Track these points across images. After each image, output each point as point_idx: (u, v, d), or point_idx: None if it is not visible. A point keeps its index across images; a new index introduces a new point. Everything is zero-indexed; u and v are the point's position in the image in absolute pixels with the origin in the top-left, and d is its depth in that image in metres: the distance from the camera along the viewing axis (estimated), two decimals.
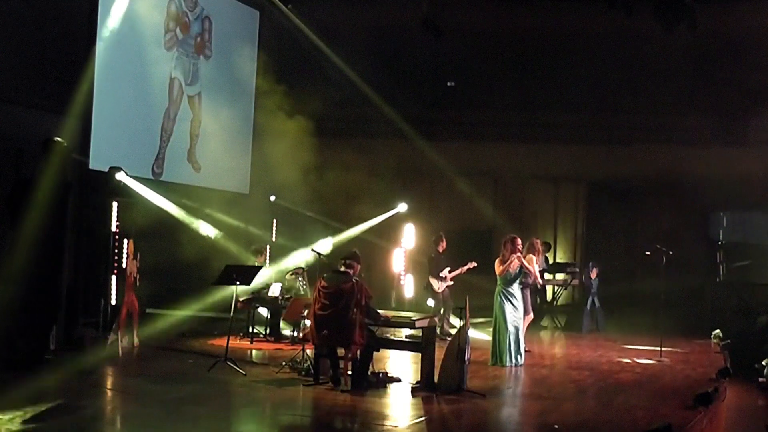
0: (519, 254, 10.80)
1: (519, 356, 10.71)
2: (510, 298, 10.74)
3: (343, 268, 8.88)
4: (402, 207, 15.46)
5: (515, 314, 10.74)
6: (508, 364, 10.58)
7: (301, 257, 13.03)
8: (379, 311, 8.98)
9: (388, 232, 15.70)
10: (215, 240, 12.85)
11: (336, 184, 15.67)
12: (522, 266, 10.76)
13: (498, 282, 10.80)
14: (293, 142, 14.35)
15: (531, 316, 12.14)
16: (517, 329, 10.72)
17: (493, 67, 17.35)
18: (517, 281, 10.83)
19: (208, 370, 9.35)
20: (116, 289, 10.93)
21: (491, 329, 10.85)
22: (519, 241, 10.85)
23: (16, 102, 10.10)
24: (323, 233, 14.39)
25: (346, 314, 8.52)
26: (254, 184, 15.12)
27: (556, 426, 7.34)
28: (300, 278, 12.77)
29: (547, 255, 15.69)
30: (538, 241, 12.10)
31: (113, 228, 11.00)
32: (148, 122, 12.87)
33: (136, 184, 11.55)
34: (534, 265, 11.20)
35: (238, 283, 9.95)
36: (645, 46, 16.31)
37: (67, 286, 9.98)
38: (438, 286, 13.20)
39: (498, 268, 10.77)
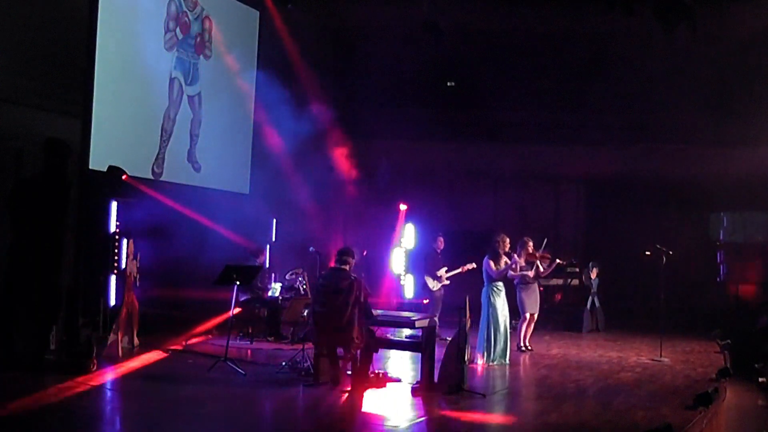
0: (515, 257, 11.14)
1: (507, 353, 10.80)
2: (499, 295, 10.86)
3: (338, 265, 8.86)
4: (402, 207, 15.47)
5: (504, 312, 10.84)
6: (497, 361, 10.64)
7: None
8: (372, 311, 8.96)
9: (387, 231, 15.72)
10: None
11: (336, 184, 15.70)
12: (512, 267, 11.03)
13: (488, 280, 10.91)
14: (293, 141, 14.37)
15: (532, 316, 12.17)
16: (506, 327, 10.82)
17: (493, 67, 17.36)
18: (503, 279, 11.02)
19: (208, 370, 9.35)
20: (116, 290, 10.93)
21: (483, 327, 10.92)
22: (507, 240, 11.13)
23: (16, 102, 10.10)
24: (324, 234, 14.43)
25: (344, 312, 8.51)
26: (254, 184, 15.12)
27: None
28: (300, 278, 12.78)
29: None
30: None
31: (113, 228, 11.00)
32: (148, 122, 12.86)
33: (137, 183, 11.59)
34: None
35: (238, 283, 9.96)
36: (645, 46, 16.31)
37: (67, 286, 9.96)
38: (434, 285, 13.20)
39: (493, 267, 10.87)
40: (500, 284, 10.97)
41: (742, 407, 9.34)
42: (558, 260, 12.44)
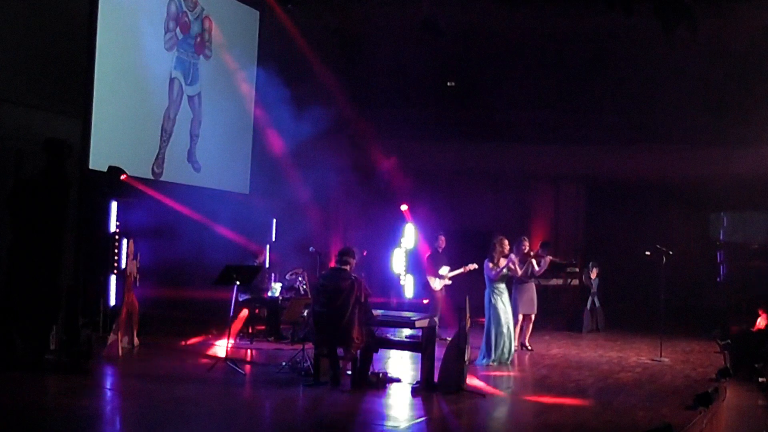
0: (512, 256, 11.12)
1: (509, 354, 10.80)
2: (501, 296, 10.87)
3: (339, 265, 8.86)
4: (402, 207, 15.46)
5: (507, 313, 10.86)
6: (498, 362, 10.66)
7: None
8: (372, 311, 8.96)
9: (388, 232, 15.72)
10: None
11: (336, 184, 15.69)
12: (508, 267, 11.00)
13: (489, 282, 10.93)
14: (293, 141, 14.37)
15: (527, 316, 12.17)
16: (509, 328, 10.84)
17: (493, 67, 17.35)
18: (504, 281, 11.02)
19: (208, 370, 9.35)
20: (116, 290, 10.94)
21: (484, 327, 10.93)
22: (506, 242, 11.09)
23: (16, 102, 10.10)
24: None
25: (344, 312, 8.50)
26: (254, 184, 15.12)
27: None
28: (300, 278, 12.77)
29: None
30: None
31: (113, 228, 11.00)
32: (148, 122, 12.87)
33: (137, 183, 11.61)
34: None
35: (238, 283, 9.96)
36: (645, 46, 16.31)
37: (67, 286, 9.97)
38: (435, 284, 13.19)
39: (491, 268, 10.88)
40: (502, 286, 10.96)
41: (742, 407, 9.34)
42: (550, 257, 12.43)
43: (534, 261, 12.13)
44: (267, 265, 13.57)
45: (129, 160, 11.88)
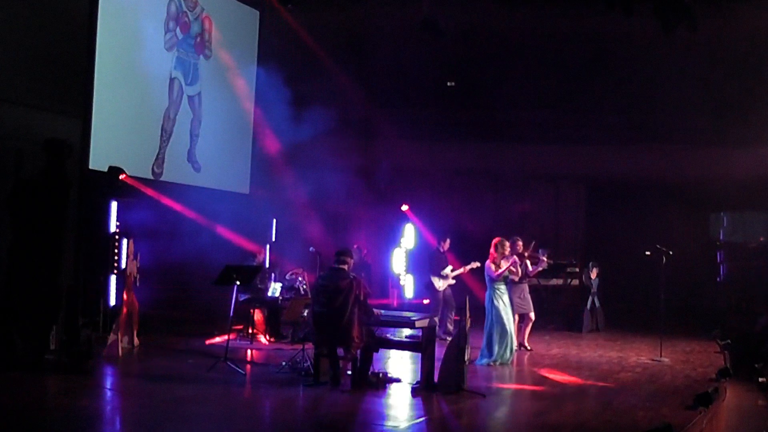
0: (515, 257, 11.22)
1: (510, 354, 10.82)
2: (502, 297, 10.90)
3: (337, 265, 8.86)
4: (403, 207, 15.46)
5: (508, 314, 10.88)
6: (499, 361, 10.67)
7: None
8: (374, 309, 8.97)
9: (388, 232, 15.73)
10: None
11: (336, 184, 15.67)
12: (508, 268, 11.06)
13: (490, 283, 10.94)
14: (293, 141, 14.37)
15: (521, 316, 12.16)
16: (510, 328, 10.86)
17: (493, 67, 17.36)
18: (505, 281, 11.06)
19: (208, 370, 9.35)
20: (116, 290, 10.94)
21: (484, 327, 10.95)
22: (507, 243, 11.18)
23: (16, 102, 10.10)
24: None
25: (344, 311, 8.51)
26: (254, 184, 15.12)
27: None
28: (300, 278, 12.77)
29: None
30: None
31: (113, 228, 11.00)
32: (148, 122, 12.88)
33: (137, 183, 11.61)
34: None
35: (238, 283, 9.96)
36: (645, 46, 16.32)
37: (67, 286, 9.97)
38: (439, 284, 13.18)
39: (494, 270, 10.90)
40: (503, 287, 10.99)
41: (742, 407, 9.34)
42: (544, 258, 12.43)
43: (528, 261, 12.15)
44: (267, 265, 13.57)
45: (129, 160, 11.88)
